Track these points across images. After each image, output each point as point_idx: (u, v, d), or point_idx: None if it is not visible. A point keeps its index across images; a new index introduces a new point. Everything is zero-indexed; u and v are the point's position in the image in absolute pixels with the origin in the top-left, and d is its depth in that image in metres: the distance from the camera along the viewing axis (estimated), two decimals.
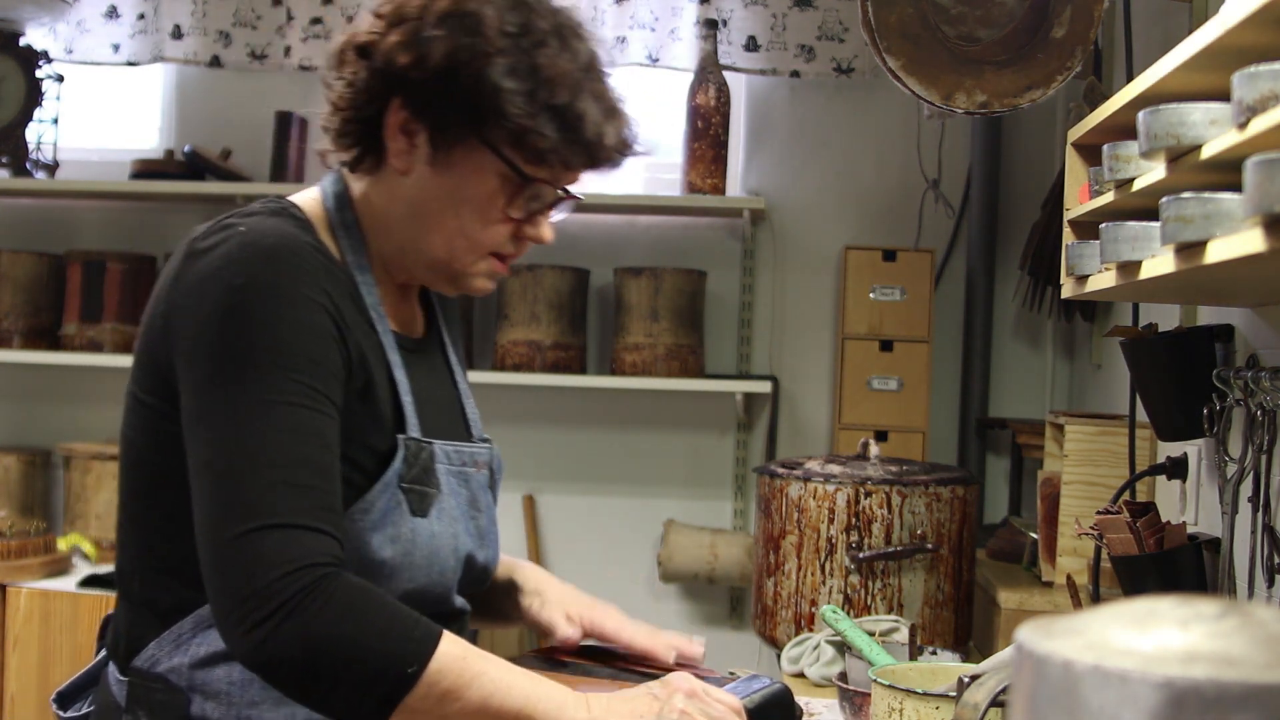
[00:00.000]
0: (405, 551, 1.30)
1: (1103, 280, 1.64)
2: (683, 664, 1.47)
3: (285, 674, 1.15)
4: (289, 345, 1.20)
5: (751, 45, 3.42)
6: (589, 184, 1.40)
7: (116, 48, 3.64)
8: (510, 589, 1.56)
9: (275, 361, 1.19)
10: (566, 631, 1.45)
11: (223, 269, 1.22)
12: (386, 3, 1.31)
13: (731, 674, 1.44)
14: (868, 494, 2.28)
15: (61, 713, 1.40)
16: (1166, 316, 2.17)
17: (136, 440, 1.31)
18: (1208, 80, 1.34)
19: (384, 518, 1.28)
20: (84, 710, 1.39)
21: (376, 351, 1.32)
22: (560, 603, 1.54)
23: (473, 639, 1.42)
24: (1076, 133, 1.83)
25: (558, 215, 1.38)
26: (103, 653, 1.39)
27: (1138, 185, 1.48)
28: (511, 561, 1.60)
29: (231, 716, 1.27)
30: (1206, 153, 1.25)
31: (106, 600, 3.06)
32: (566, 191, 1.35)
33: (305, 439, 1.19)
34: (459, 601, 1.41)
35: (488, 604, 1.55)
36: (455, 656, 1.18)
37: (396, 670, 1.14)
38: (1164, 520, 1.88)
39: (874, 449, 2.45)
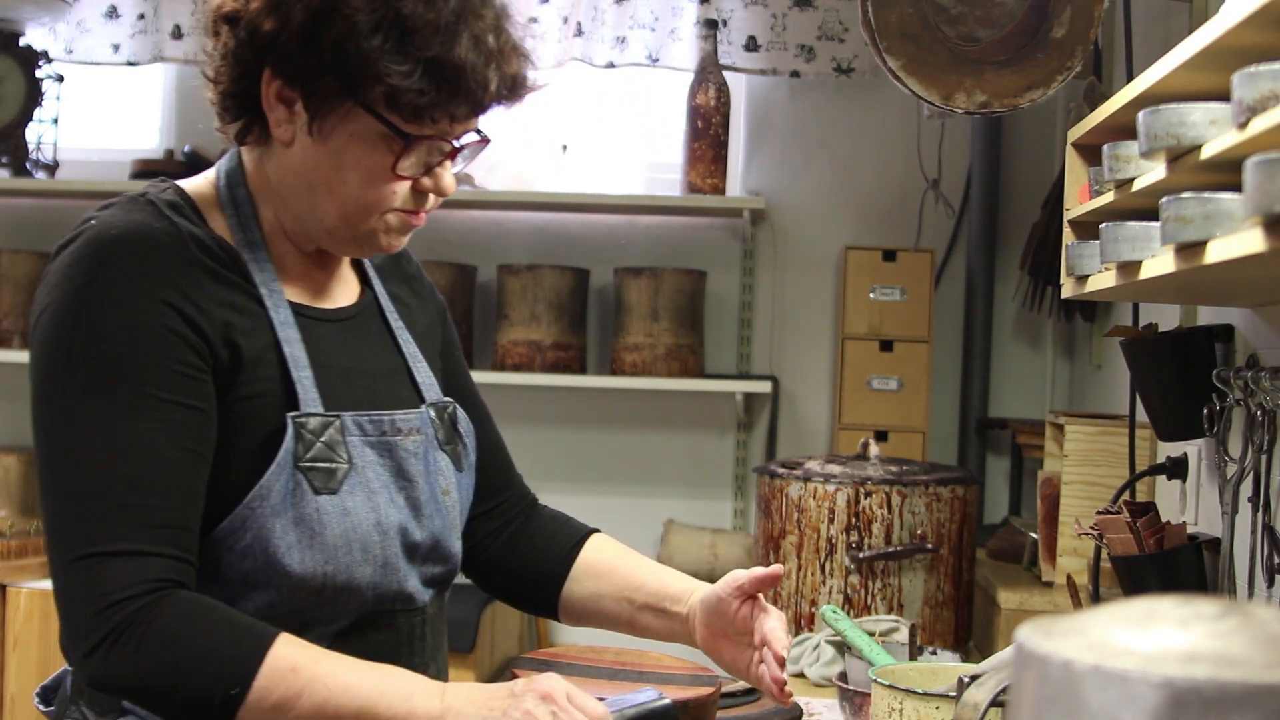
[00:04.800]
0: (312, 532, 1.26)
1: (1103, 280, 1.64)
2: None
3: (124, 697, 1.20)
4: (121, 353, 1.19)
5: (751, 45, 3.42)
6: (589, 184, 1.38)
7: (116, 48, 3.64)
8: (651, 608, 1.49)
9: (106, 371, 1.19)
10: (758, 572, 1.39)
11: (69, 268, 1.22)
12: None
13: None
14: (868, 494, 2.28)
15: (44, 708, 1.39)
16: (1166, 316, 2.17)
17: None
18: (1208, 80, 1.34)
19: (284, 501, 1.25)
20: None
21: (262, 331, 1.28)
22: (705, 587, 1.47)
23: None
24: (1076, 133, 1.83)
25: (462, 163, 1.33)
26: None
27: (1138, 185, 1.48)
28: (638, 575, 1.52)
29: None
30: (1206, 153, 1.25)
31: None
32: (478, 137, 1.31)
33: (135, 455, 1.18)
34: (411, 586, 1.35)
35: (632, 621, 1.50)
36: (283, 669, 1.16)
37: (221, 692, 1.15)
38: (1164, 520, 1.88)
39: (874, 449, 2.45)
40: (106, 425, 1.18)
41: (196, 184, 1.34)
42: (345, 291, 1.42)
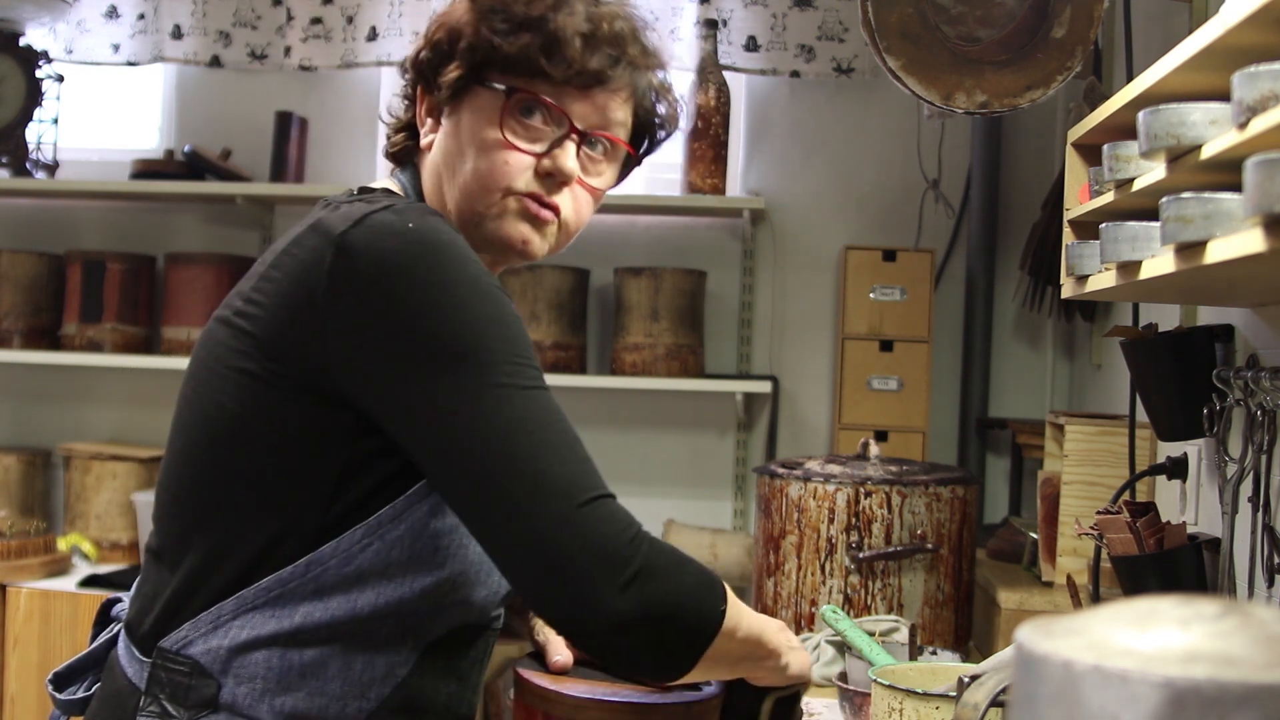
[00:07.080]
0: (457, 544, 1.29)
1: (1103, 280, 1.64)
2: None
3: (649, 633, 1.17)
4: (509, 334, 1.20)
5: (751, 45, 3.42)
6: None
7: (116, 48, 3.64)
8: (516, 604, 1.55)
9: (511, 351, 1.19)
10: (558, 658, 1.44)
11: (407, 268, 1.18)
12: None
13: None
14: (868, 494, 2.28)
15: (57, 694, 1.36)
16: (1166, 316, 2.17)
17: (239, 412, 1.24)
18: (1208, 80, 1.34)
19: (443, 504, 1.26)
20: (80, 694, 1.35)
21: None
22: None
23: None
24: (1076, 133, 1.83)
25: (603, 163, 1.37)
26: (103, 637, 1.37)
27: (1138, 185, 1.48)
28: None
29: (264, 703, 1.23)
30: (1206, 153, 1.25)
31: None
32: (594, 128, 1.35)
33: (563, 417, 1.21)
34: (500, 610, 1.39)
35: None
36: (729, 595, 1.24)
37: (716, 612, 1.20)
38: (1164, 520, 1.87)
39: (874, 449, 2.45)
40: (538, 395, 1.20)
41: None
42: None
